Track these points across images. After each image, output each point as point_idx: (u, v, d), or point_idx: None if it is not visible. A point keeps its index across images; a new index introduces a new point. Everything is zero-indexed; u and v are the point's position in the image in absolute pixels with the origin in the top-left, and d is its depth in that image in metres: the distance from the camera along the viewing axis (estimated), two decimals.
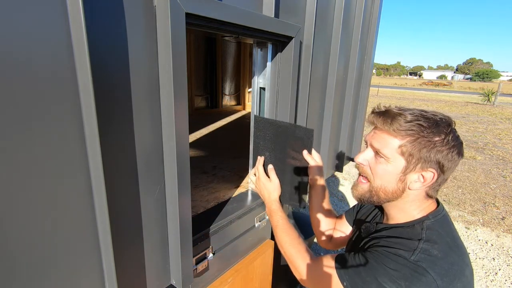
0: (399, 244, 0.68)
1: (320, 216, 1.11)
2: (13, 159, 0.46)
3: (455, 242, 0.70)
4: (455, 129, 0.70)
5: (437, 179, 0.69)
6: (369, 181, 0.76)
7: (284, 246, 0.91)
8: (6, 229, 0.48)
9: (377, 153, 0.73)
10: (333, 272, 0.72)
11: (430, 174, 0.68)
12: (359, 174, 0.80)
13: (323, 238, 1.11)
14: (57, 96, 0.49)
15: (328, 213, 1.11)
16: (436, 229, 0.70)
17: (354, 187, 0.81)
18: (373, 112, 0.75)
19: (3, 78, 0.43)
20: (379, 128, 0.72)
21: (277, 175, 1.10)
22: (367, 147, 0.77)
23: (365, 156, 0.75)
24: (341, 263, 0.73)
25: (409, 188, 0.71)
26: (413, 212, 0.75)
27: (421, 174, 0.69)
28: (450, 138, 0.67)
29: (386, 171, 0.71)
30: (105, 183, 0.57)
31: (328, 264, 0.75)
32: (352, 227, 1.03)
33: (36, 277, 0.53)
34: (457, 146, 0.68)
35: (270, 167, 1.12)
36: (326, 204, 1.11)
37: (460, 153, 0.68)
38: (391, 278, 0.63)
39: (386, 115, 0.70)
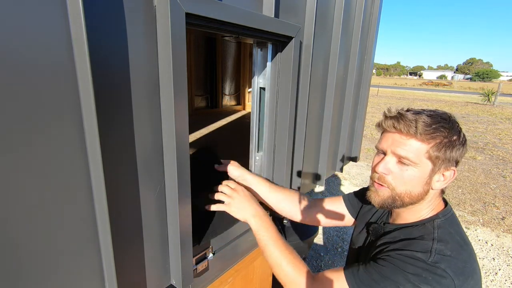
0: (413, 245, 0.67)
1: (283, 202, 1.07)
2: (13, 160, 0.46)
3: (464, 240, 0.71)
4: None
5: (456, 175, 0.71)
6: (388, 188, 0.73)
7: (283, 265, 0.80)
8: (5, 230, 0.48)
9: (400, 160, 0.70)
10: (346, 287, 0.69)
11: (451, 172, 0.70)
12: (372, 182, 0.77)
13: (299, 216, 1.07)
14: (57, 96, 0.49)
15: (284, 194, 1.09)
16: (446, 227, 0.71)
17: (373, 193, 0.77)
18: (387, 117, 0.72)
19: (2, 78, 0.43)
20: (402, 134, 0.69)
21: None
22: (384, 154, 0.74)
23: (386, 165, 0.72)
24: (354, 277, 0.70)
25: (432, 188, 0.72)
26: (424, 211, 0.75)
27: (443, 174, 0.70)
28: (462, 135, 0.70)
29: (413, 176, 0.70)
30: (105, 183, 0.57)
31: (339, 279, 0.71)
32: (355, 220, 1.00)
33: (35, 277, 0.53)
34: (466, 141, 0.71)
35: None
36: (273, 188, 1.08)
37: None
38: (413, 284, 0.62)
39: (406, 120, 0.68)
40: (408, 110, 0.72)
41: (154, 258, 0.76)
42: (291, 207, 1.07)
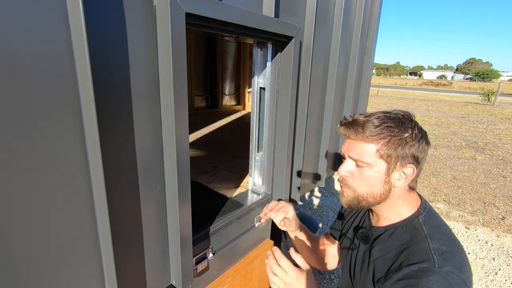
0: (413, 254, 0.69)
1: (313, 252, 1.09)
2: (13, 160, 0.46)
3: (446, 228, 0.75)
4: (416, 121, 0.74)
5: (416, 172, 0.73)
6: (350, 189, 0.77)
7: None
8: (6, 230, 0.48)
9: (357, 162, 0.74)
10: None
11: (410, 169, 0.72)
12: (340, 183, 0.81)
13: (326, 264, 1.11)
14: (57, 97, 0.49)
15: (314, 243, 1.11)
16: (430, 222, 0.74)
17: (340, 195, 0.82)
18: (341, 124, 0.76)
19: (2, 79, 0.43)
20: (352, 138, 0.74)
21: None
22: (345, 159, 0.78)
23: (346, 168, 0.76)
24: None
25: (394, 187, 0.74)
26: (401, 207, 0.78)
27: (402, 171, 0.73)
28: (416, 131, 0.72)
29: (371, 176, 0.73)
30: (105, 183, 0.57)
31: None
32: (341, 237, 1.01)
33: (36, 278, 0.53)
34: (424, 136, 0.73)
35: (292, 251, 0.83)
36: (309, 239, 1.10)
37: (428, 142, 0.73)
38: None
39: (355, 125, 0.72)
40: (361, 114, 0.76)
41: (154, 258, 0.76)
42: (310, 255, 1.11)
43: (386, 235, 0.78)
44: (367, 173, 0.73)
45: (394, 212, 0.78)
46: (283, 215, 1.04)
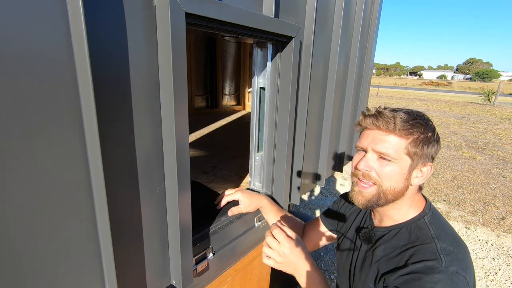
0: (419, 253, 0.68)
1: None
2: (13, 159, 0.46)
3: (451, 228, 0.74)
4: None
5: (432, 171, 0.73)
6: (375, 185, 0.74)
7: None
8: (6, 230, 0.48)
9: (381, 156, 0.71)
10: None
11: (428, 168, 0.73)
12: (356, 181, 0.77)
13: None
14: (57, 96, 0.49)
15: (294, 224, 1.12)
16: (436, 222, 0.74)
17: (357, 194, 0.76)
18: (367, 115, 0.74)
19: (2, 79, 0.43)
20: (383, 130, 0.71)
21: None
22: (365, 151, 0.75)
23: (367, 162, 0.73)
24: None
25: (411, 185, 0.74)
26: (406, 208, 0.77)
27: (420, 170, 0.73)
28: (436, 132, 0.73)
29: (395, 172, 0.71)
30: (105, 183, 0.57)
31: None
32: (340, 238, 1.00)
33: (35, 278, 0.53)
34: (439, 138, 0.74)
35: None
36: (285, 217, 1.11)
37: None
38: None
39: (384, 117, 0.70)
40: (385, 108, 0.74)
41: (154, 258, 0.76)
42: None
43: (390, 235, 0.77)
44: (391, 168, 0.71)
45: (400, 212, 0.77)
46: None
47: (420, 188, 0.78)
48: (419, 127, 0.69)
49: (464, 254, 0.68)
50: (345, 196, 1.03)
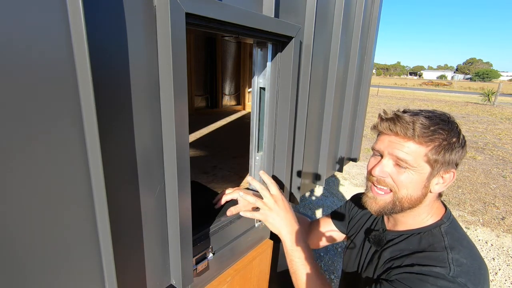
0: (428, 258, 0.64)
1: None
2: (12, 159, 0.46)
3: (470, 242, 0.69)
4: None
5: (455, 177, 0.69)
6: (391, 192, 0.70)
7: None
8: (5, 230, 0.48)
9: (399, 163, 0.67)
10: None
11: (450, 175, 0.68)
12: (370, 186, 0.74)
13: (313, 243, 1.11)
14: (57, 96, 0.49)
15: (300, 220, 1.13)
16: (453, 233, 0.69)
17: (371, 200, 0.74)
18: (384, 119, 0.69)
19: (1, 79, 0.43)
20: (400, 136, 0.66)
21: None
22: (381, 156, 0.70)
23: (383, 168, 0.69)
24: None
25: (430, 192, 0.69)
26: (424, 215, 0.72)
27: (442, 176, 0.68)
28: (462, 136, 0.67)
29: (412, 180, 0.67)
30: (105, 183, 0.57)
31: None
32: (349, 238, 0.99)
33: (35, 278, 0.53)
34: (466, 142, 0.68)
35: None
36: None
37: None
38: None
39: (403, 122, 0.65)
40: (405, 112, 0.69)
41: (154, 258, 0.76)
42: None
43: (400, 239, 0.74)
44: (409, 176, 0.66)
45: (417, 219, 0.73)
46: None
47: (440, 195, 0.73)
48: (441, 133, 0.64)
49: (478, 270, 0.62)
50: (357, 198, 0.99)
